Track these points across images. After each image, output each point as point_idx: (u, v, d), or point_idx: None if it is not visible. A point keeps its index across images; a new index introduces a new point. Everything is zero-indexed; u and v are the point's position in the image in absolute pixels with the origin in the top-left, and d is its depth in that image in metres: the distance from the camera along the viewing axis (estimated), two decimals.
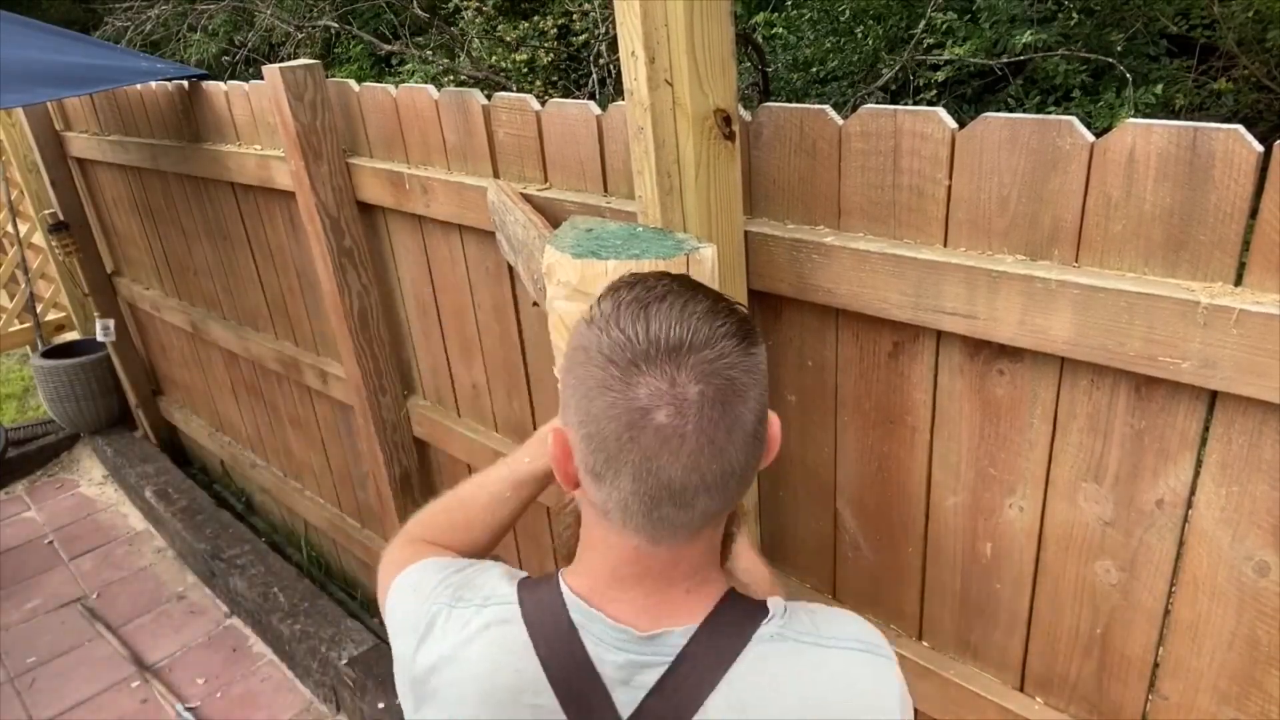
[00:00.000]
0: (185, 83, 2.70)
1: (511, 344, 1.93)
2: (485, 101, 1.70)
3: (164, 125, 2.92)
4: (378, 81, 3.33)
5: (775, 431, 0.81)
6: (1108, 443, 1.07)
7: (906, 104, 2.76)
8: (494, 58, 4.98)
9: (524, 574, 0.87)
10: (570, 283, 1.10)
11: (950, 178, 1.09)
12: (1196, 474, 1.01)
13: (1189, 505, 1.03)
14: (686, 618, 0.77)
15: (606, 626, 0.77)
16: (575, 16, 4.82)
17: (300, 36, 6.09)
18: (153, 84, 2.84)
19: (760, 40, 4.24)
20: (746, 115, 1.26)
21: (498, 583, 0.84)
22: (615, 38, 1.30)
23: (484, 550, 1.10)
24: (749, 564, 1.05)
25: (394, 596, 0.92)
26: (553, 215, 1.56)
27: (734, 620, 0.78)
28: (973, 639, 1.33)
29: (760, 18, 4.56)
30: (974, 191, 1.07)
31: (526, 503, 1.12)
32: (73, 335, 4.61)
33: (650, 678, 0.75)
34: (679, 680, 0.75)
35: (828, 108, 1.18)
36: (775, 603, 0.81)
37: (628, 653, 0.76)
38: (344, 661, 2.71)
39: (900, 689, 0.81)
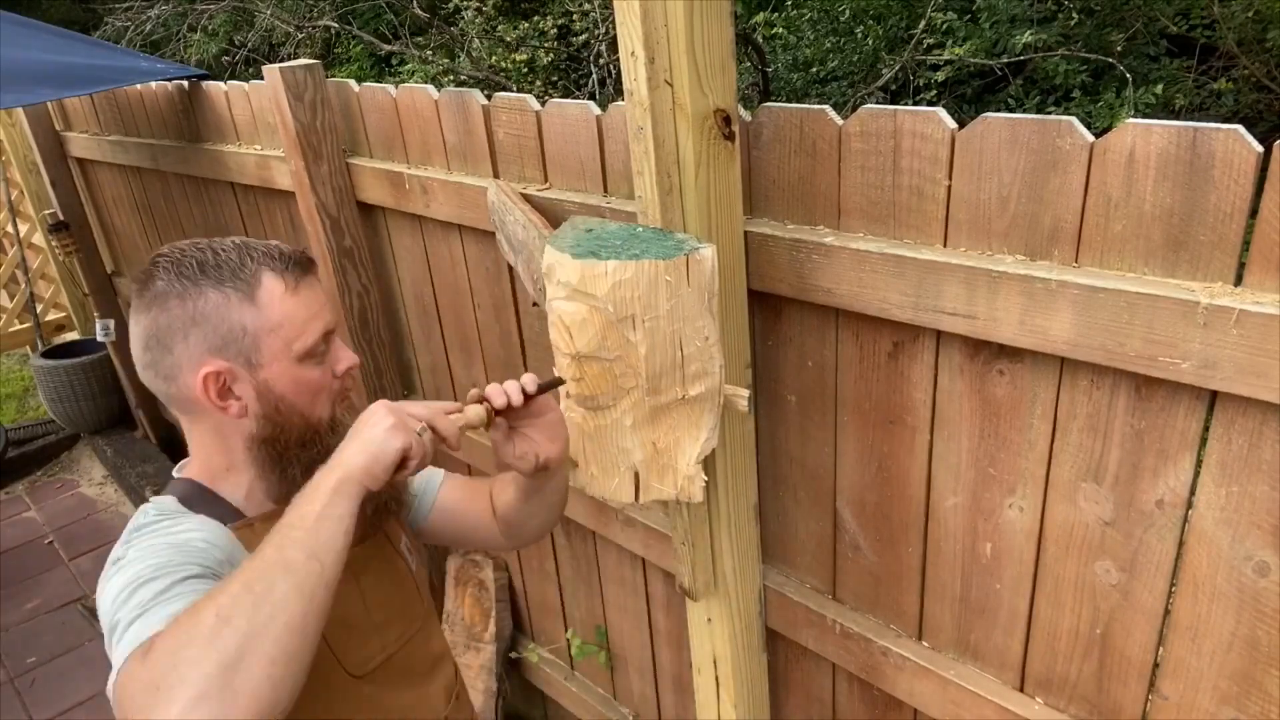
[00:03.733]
0: (185, 83, 2.70)
1: (511, 344, 1.93)
2: (485, 101, 1.70)
3: (164, 125, 2.92)
4: (378, 81, 3.33)
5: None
6: (1108, 443, 1.07)
7: (906, 104, 2.76)
8: (494, 58, 4.98)
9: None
10: (570, 283, 1.10)
11: (950, 178, 1.09)
12: (1196, 474, 1.01)
13: (1189, 505, 1.03)
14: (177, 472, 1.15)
15: None
16: (575, 16, 4.82)
17: (300, 36, 6.09)
18: (153, 84, 2.84)
19: (760, 40, 4.23)
20: (746, 115, 1.26)
21: None
22: (615, 38, 1.30)
23: None
24: None
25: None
26: (553, 215, 1.56)
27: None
28: (973, 639, 1.33)
29: (760, 18, 4.56)
30: (974, 191, 1.07)
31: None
32: (73, 335, 4.61)
33: None
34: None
35: (827, 108, 1.18)
36: (168, 501, 1.05)
37: None
38: None
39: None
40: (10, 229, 4.39)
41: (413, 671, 1.20)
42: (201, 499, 1.09)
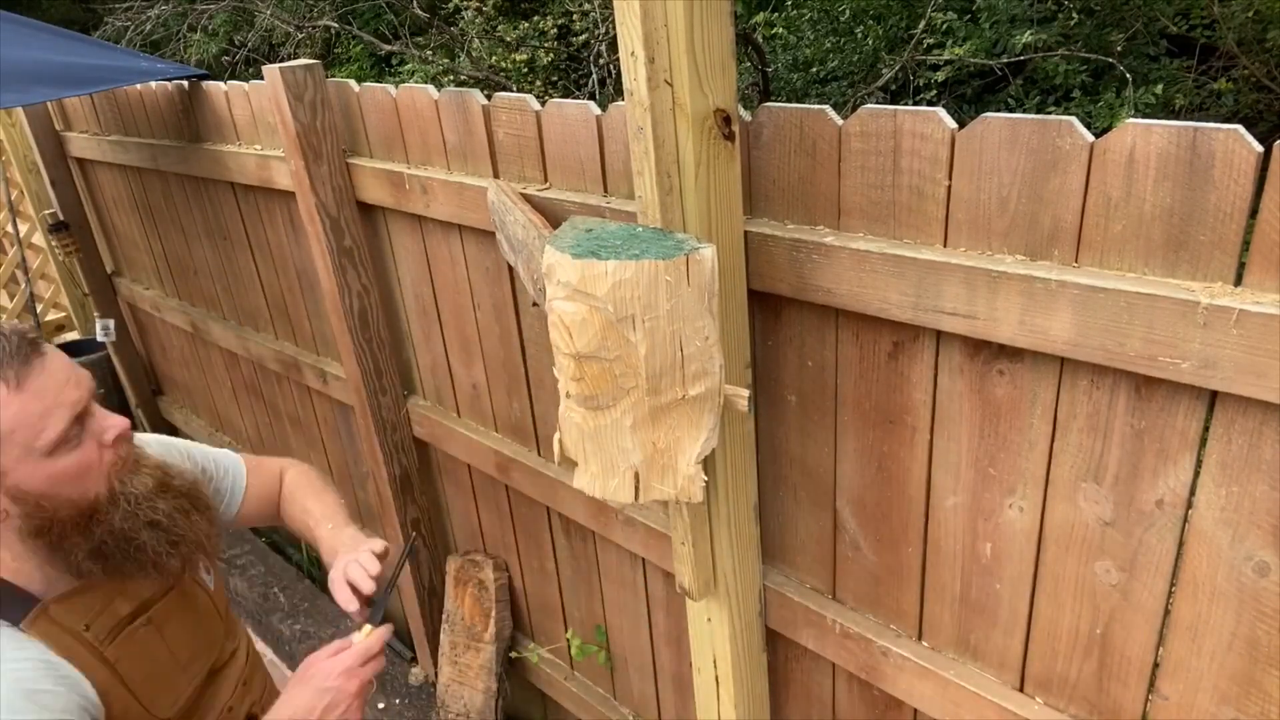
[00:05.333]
0: (185, 83, 2.70)
1: (511, 344, 1.93)
2: (485, 101, 1.70)
3: (164, 125, 2.92)
4: (378, 81, 3.33)
5: None
6: (1107, 443, 1.07)
7: (906, 104, 2.76)
8: (494, 58, 4.98)
9: None
10: (570, 283, 1.10)
11: (950, 178, 1.09)
12: (1196, 474, 1.01)
13: (1189, 505, 1.03)
14: None
15: None
16: (575, 16, 4.82)
17: (300, 36, 6.09)
18: (153, 84, 2.84)
19: (760, 40, 4.23)
20: (746, 115, 1.26)
21: None
22: (615, 38, 1.30)
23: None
24: None
25: None
26: (553, 215, 1.56)
27: None
28: (973, 639, 1.33)
29: (760, 18, 4.56)
30: (974, 192, 1.07)
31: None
32: (73, 335, 4.61)
33: None
34: None
35: (827, 108, 1.18)
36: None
37: None
38: None
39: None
40: (10, 229, 4.39)
41: (219, 693, 1.28)
42: None
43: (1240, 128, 0.86)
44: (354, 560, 1.28)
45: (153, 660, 1.17)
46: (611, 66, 4.48)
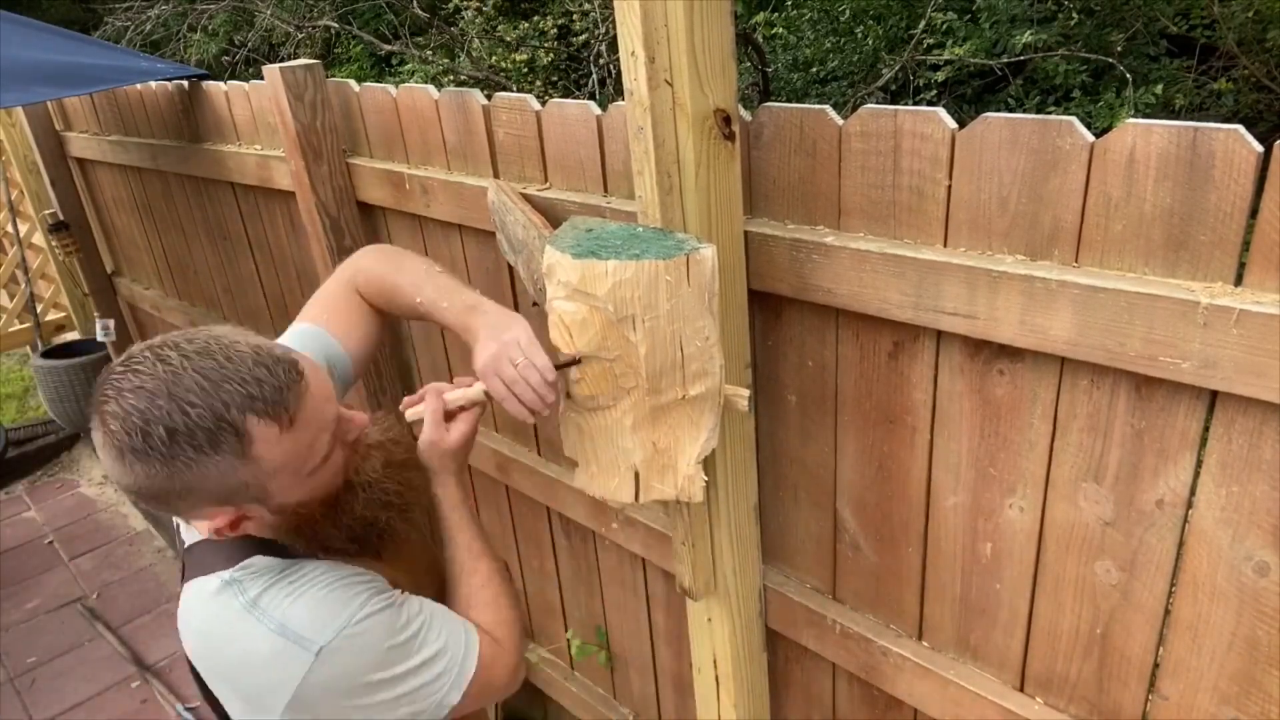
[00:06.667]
0: (185, 83, 2.70)
1: None
2: (485, 101, 1.70)
3: (164, 125, 2.92)
4: (378, 81, 3.33)
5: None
6: (1108, 443, 1.07)
7: (906, 104, 2.76)
8: (494, 58, 4.98)
9: None
10: (570, 283, 1.10)
11: (950, 178, 1.09)
12: (1196, 474, 1.01)
13: (1189, 505, 1.03)
14: (207, 531, 1.04)
15: None
16: (575, 16, 4.82)
17: (300, 36, 6.09)
18: (153, 84, 2.84)
19: (760, 40, 4.23)
20: (746, 115, 1.26)
21: None
22: (615, 38, 1.30)
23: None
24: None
25: None
26: (553, 215, 1.56)
27: (213, 553, 1.05)
28: (973, 639, 1.33)
29: (760, 18, 4.56)
30: (974, 191, 1.07)
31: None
32: (73, 335, 4.61)
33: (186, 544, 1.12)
34: (185, 556, 1.11)
35: (828, 108, 1.18)
36: (262, 562, 1.04)
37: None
38: None
39: (296, 687, 0.98)
40: (10, 229, 4.39)
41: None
42: (277, 548, 1.07)
43: (1240, 128, 0.86)
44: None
45: (411, 563, 1.24)
46: (611, 66, 4.48)
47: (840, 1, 4.29)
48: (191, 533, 1.11)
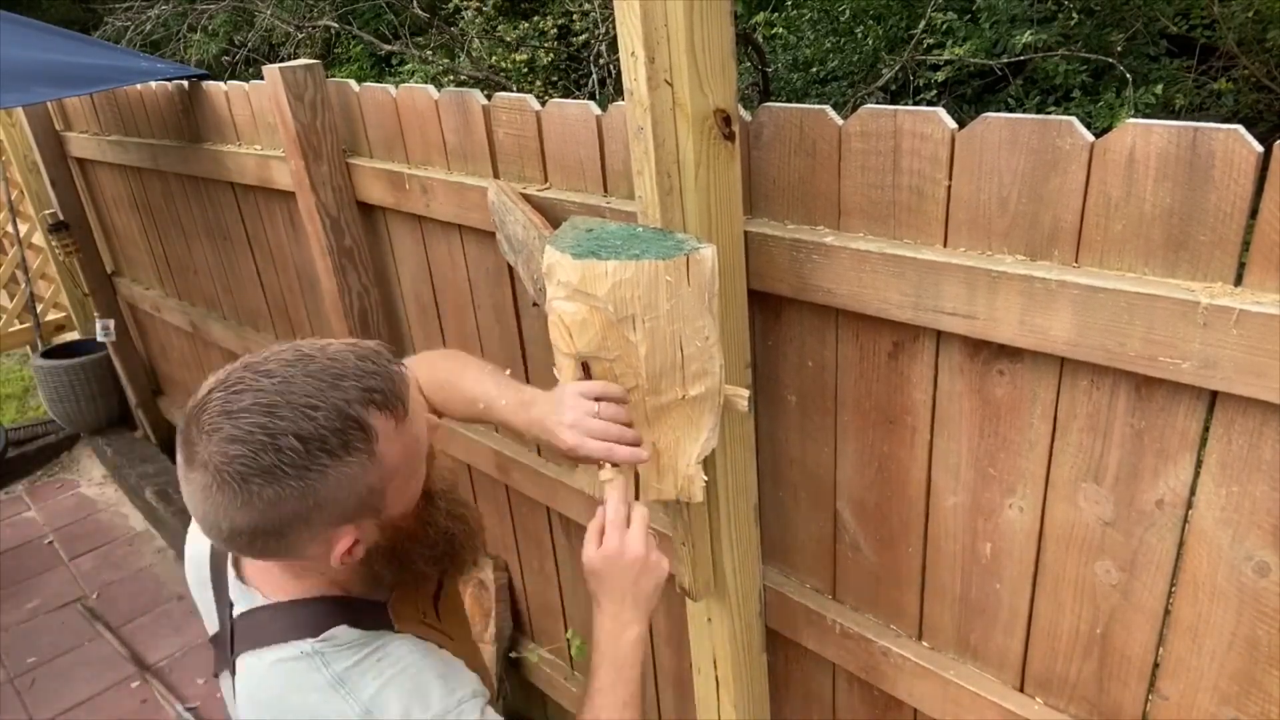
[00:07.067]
0: (185, 83, 2.70)
1: (512, 344, 1.93)
2: (485, 101, 1.70)
3: (164, 125, 2.92)
4: (378, 81, 3.33)
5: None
6: (1108, 443, 1.07)
7: (906, 104, 2.76)
8: (494, 58, 4.98)
9: None
10: (570, 283, 1.10)
11: (950, 178, 1.09)
12: (1196, 474, 1.01)
13: (1189, 505, 1.03)
14: (272, 593, 0.97)
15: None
16: (575, 16, 4.82)
17: (300, 36, 6.09)
18: (153, 84, 2.84)
19: (760, 40, 4.23)
20: (746, 115, 1.26)
21: None
22: (615, 38, 1.30)
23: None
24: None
25: None
26: (553, 215, 1.56)
27: (284, 619, 0.96)
28: (973, 639, 1.33)
29: (760, 18, 4.56)
30: (974, 192, 1.07)
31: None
32: (73, 335, 4.61)
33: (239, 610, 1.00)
34: (241, 623, 0.99)
35: (827, 108, 1.18)
36: (346, 635, 0.95)
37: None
38: None
39: None
40: (10, 229, 4.39)
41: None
42: (355, 611, 0.97)
43: (1240, 128, 0.86)
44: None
45: (460, 621, 1.16)
46: (611, 66, 4.48)
47: (840, 1, 4.29)
48: (247, 596, 0.99)
